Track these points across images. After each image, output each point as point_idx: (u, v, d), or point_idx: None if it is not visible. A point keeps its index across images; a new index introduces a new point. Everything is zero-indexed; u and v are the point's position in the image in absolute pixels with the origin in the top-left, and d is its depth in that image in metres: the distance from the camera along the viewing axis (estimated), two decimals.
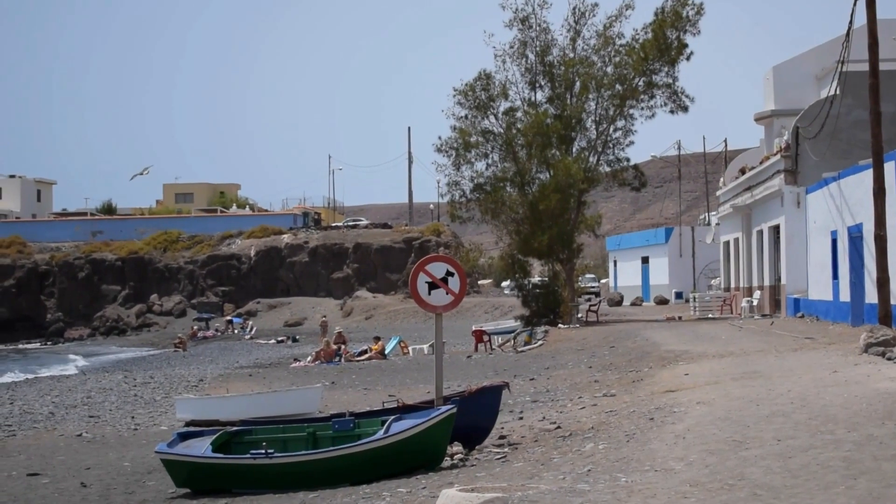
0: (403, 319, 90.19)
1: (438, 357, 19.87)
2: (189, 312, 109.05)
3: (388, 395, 29.92)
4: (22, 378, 54.95)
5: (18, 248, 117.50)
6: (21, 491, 19.39)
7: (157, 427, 28.62)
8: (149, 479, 19.76)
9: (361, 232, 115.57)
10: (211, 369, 51.41)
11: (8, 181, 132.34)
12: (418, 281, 19.46)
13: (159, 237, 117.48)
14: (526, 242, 56.81)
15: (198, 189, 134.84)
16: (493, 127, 57.41)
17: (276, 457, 17.43)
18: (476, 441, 19.29)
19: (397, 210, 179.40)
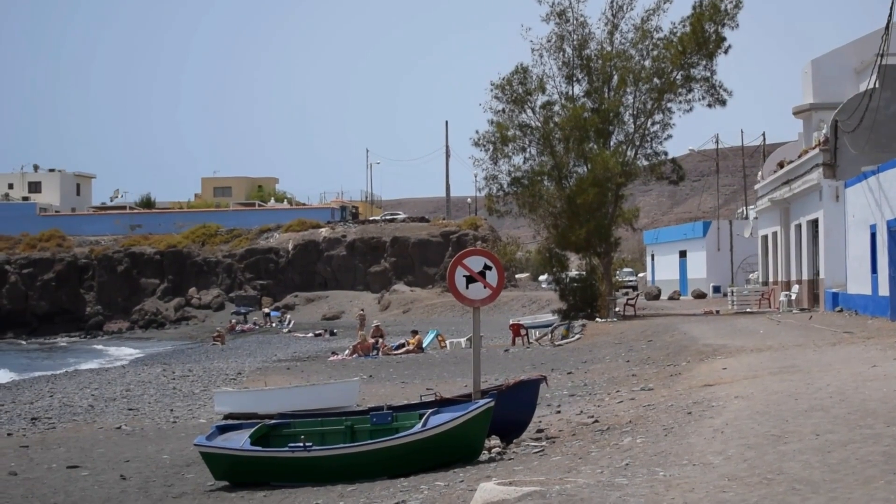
0: (441, 313, 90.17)
1: (476, 350, 19.88)
2: (227, 306, 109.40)
3: (425, 388, 29.97)
4: (62, 371, 55.30)
5: (58, 242, 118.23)
6: (61, 483, 19.51)
7: (195, 420, 28.73)
8: (188, 472, 19.84)
9: (399, 226, 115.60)
10: (249, 363, 51.59)
11: (48, 175, 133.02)
12: (456, 275, 19.45)
13: (198, 231, 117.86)
14: (563, 236, 56.73)
15: (236, 183, 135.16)
16: (531, 121, 57.34)
17: (315, 450, 17.47)
18: (514, 434, 19.28)
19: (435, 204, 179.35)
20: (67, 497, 17.98)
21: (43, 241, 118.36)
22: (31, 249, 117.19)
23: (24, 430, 27.80)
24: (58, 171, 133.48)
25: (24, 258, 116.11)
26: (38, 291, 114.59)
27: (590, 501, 11.31)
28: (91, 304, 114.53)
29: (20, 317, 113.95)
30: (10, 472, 20.79)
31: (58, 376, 50.23)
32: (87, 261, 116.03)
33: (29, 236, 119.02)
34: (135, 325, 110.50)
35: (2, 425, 28.98)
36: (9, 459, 22.59)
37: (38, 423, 29.44)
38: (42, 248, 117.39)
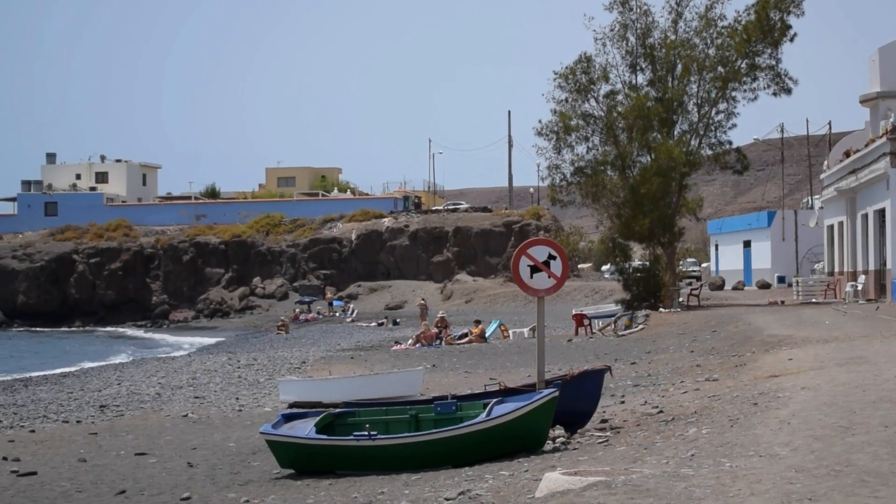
0: (503, 303, 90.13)
1: (540, 340, 19.88)
2: (291, 295, 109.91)
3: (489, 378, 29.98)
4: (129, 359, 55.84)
5: (125, 232, 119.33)
6: (129, 470, 19.71)
7: (260, 408, 28.91)
8: (253, 460, 19.99)
9: (461, 215, 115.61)
10: (313, 352, 51.83)
11: (114, 166, 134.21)
12: (520, 264, 19.45)
13: (262, 221, 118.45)
14: (627, 226, 56.53)
15: (300, 173, 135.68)
16: (594, 110, 57.18)
17: (379, 439, 17.55)
18: (578, 425, 19.27)
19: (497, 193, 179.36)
20: (136, 484, 18.17)
21: (110, 230, 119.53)
22: (99, 239, 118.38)
23: (92, 418, 28.10)
24: (124, 162, 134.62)
25: (91, 248, 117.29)
26: (105, 281, 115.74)
27: (655, 492, 11.30)
28: (157, 294, 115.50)
29: (88, 305, 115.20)
30: (79, 459, 21.04)
31: (125, 364, 50.73)
32: (153, 250, 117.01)
33: (96, 226, 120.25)
34: (200, 314, 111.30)
35: (71, 413, 29.31)
36: (78, 446, 22.87)
37: (106, 410, 29.74)
38: (109, 237, 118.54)
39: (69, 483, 18.57)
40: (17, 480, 19.04)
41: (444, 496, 14.03)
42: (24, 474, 19.51)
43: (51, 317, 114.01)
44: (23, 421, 27.66)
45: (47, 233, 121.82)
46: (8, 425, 26.82)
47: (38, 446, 23.08)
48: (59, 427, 26.44)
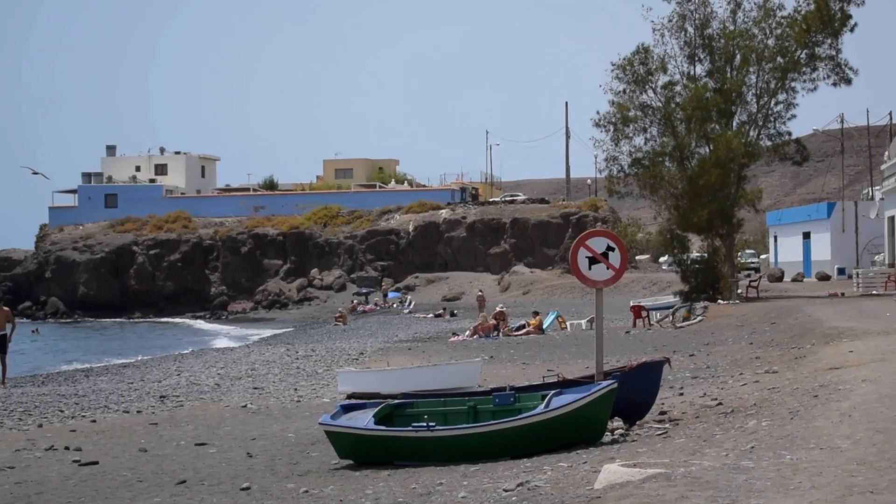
0: (561, 294, 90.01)
1: (599, 332, 19.83)
2: (348, 287, 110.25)
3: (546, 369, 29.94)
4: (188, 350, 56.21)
5: (184, 224, 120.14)
6: (190, 460, 19.85)
7: (319, 399, 29.01)
8: (312, 451, 20.06)
9: (519, 207, 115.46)
10: (371, 343, 51.94)
11: (174, 158, 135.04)
12: (578, 256, 19.41)
13: (319, 212, 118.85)
14: (685, 217, 56.30)
15: (357, 164, 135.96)
16: (652, 101, 56.95)
17: (438, 430, 17.56)
18: (637, 416, 19.22)
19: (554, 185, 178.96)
20: (196, 474, 18.29)
21: (169, 222, 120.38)
22: (158, 231, 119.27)
23: (152, 408, 28.31)
24: (183, 154, 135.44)
25: (150, 239, 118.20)
26: (164, 272, 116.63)
27: (715, 484, 11.28)
28: (216, 285, 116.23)
29: (147, 297, 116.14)
30: (140, 449, 21.22)
31: (184, 355, 51.07)
32: (212, 242, 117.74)
33: (155, 218, 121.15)
34: (258, 305, 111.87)
35: (131, 403, 29.54)
36: (139, 436, 23.06)
37: (166, 400, 29.95)
38: (168, 229, 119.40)
39: (130, 473, 18.73)
40: (79, 470, 19.23)
41: (503, 487, 14.04)
42: (86, 464, 19.70)
43: (111, 308, 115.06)
44: (84, 411, 27.90)
45: (107, 224, 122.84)
46: (70, 415, 27.07)
47: (99, 436, 23.29)
48: (120, 417, 26.67)
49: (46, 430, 24.38)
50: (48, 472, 19.21)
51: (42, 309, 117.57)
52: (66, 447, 21.63)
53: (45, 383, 38.05)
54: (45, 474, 18.97)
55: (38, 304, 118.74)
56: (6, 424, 25.47)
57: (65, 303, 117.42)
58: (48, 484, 18.03)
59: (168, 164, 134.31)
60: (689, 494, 10.88)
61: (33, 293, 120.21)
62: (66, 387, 35.68)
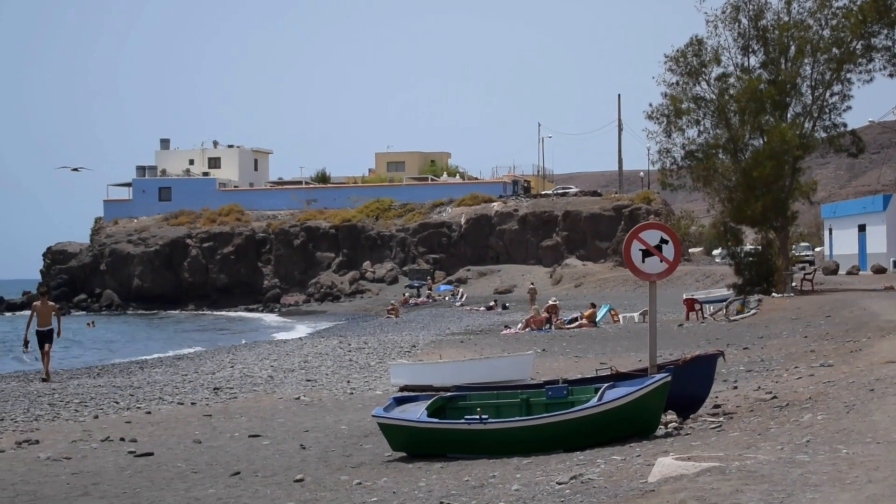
0: (613, 287, 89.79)
1: (652, 325, 19.76)
2: (401, 279, 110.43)
3: (599, 362, 29.89)
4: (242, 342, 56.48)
5: (237, 216, 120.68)
6: (244, 451, 19.94)
7: (371, 392, 29.07)
8: (365, 443, 20.10)
9: (571, 200, 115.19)
10: (423, 335, 52.01)
11: (227, 151, 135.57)
12: (632, 248, 19.34)
13: (372, 205, 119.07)
14: (739, 210, 56.04)
15: (409, 157, 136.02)
16: (705, 93, 56.70)
17: (491, 422, 17.55)
18: (690, 410, 19.14)
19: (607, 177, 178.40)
20: (250, 465, 18.37)
21: (222, 215, 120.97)
22: (211, 224, 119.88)
23: (206, 400, 28.44)
24: (236, 147, 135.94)
25: (204, 232, 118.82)
26: (217, 265, 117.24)
27: (770, 478, 11.21)
28: (268, 278, 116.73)
29: (201, 289, 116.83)
30: (194, 440, 21.34)
31: (238, 347, 51.31)
32: (265, 235, 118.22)
33: (209, 211, 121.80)
34: (311, 297, 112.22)
35: (186, 395, 29.70)
36: (193, 428, 23.19)
37: (220, 392, 30.09)
38: (221, 222, 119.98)
39: (185, 464, 18.83)
40: (135, 461, 19.36)
41: (556, 480, 14.02)
42: (141, 455, 19.83)
43: (165, 300, 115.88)
44: (139, 402, 28.08)
45: (161, 217, 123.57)
46: (125, 406, 27.25)
47: (154, 427, 23.44)
48: (175, 409, 26.81)
49: (102, 422, 24.55)
50: (104, 462, 19.35)
51: (97, 301, 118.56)
52: (122, 438, 21.78)
53: (100, 375, 38.32)
54: (101, 465, 19.10)
55: (93, 296, 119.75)
56: (62, 416, 25.67)
57: (119, 295, 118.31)
58: (104, 474, 18.16)
59: (221, 157, 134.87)
60: (744, 488, 10.83)
61: (88, 286, 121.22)
62: (121, 378, 35.93)
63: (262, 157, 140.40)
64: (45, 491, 16.94)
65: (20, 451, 20.83)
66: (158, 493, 16.26)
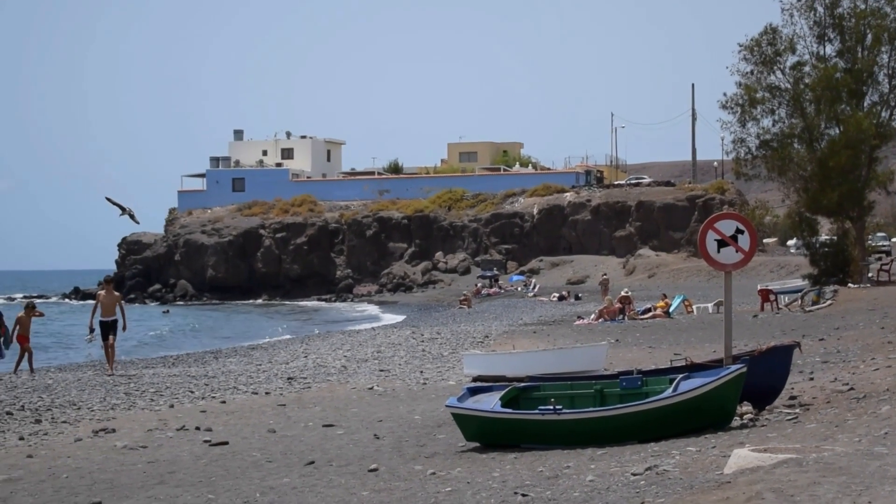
0: (686, 278, 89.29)
1: (728, 316, 19.61)
2: (473, 270, 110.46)
3: (673, 353, 29.73)
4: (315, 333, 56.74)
5: (310, 207, 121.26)
6: (318, 441, 20.01)
7: (444, 382, 29.08)
8: (439, 433, 20.11)
9: (644, 190, 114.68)
10: (495, 326, 52.00)
11: (300, 142, 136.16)
12: (707, 238, 19.20)
13: (444, 196, 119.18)
14: (814, 200, 55.53)
15: (481, 148, 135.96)
16: (780, 82, 56.20)
17: (565, 413, 17.50)
18: (766, 401, 18.97)
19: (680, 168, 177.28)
20: (324, 455, 18.43)
21: (295, 206, 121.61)
22: (284, 214, 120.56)
23: (280, 390, 28.58)
24: (309, 138, 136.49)
25: (277, 223, 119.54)
26: (290, 255, 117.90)
27: (848, 470, 11.09)
28: (341, 268, 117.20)
29: (274, 279, 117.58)
30: (269, 430, 21.44)
31: (311, 337, 51.54)
32: (338, 225, 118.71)
33: (282, 201, 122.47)
34: (383, 288, 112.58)
35: (260, 384, 29.86)
36: (268, 417, 23.31)
37: (293, 382, 30.22)
38: (294, 212, 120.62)
39: (259, 453, 18.94)
40: (210, 450, 19.49)
41: (631, 471, 13.97)
42: (217, 444, 19.96)
43: (238, 290, 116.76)
44: (214, 392, 28.27)
45: (235, 208, 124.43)
46: (200, 396, 27.44)
47: (228, 417, 23.58)
48: (249, 398, 26.97)
49: (177, 411, 24.74)
50: (179, 451, 19.50)
51: (171, 292, 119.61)
52: (197, 427, 21.93)
53: (175, 364, 38.65)
54: (176, 454, 19.26)
55: (167, 286, 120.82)
56: (138, 405, 25.90)
57: (193, 285, 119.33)
58: (180, 463, 18.31)
59: (294, 148, 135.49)
60: (822, 480, 10.72)
61: (163, 276, 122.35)
62: (195, 368, 36.20)
63: (335, 147, 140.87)
64: (121, 479, 17.10)
65: (97, 439, 21.04)
66: (233, 481, 16.36)
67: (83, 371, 34.75)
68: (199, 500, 15.14)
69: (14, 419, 23.58)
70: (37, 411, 24.65)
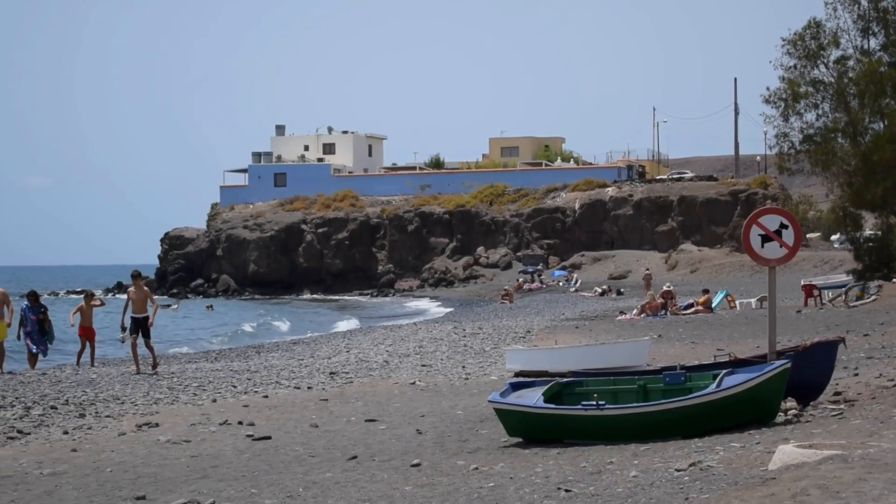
0: (729, 273, 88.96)
1: (772, 311, 19.51)
2: (514, 265, 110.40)
3: (716, 349, 29.60)
4: (357, 327, 56.85)
5: (351, 202, 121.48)
6: (360, 436, 20.02)
7: (487, 377, 29.05)
8: (481, 428, 20.08)
9: (686, 185, 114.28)
10: (537, 321, 51.95)
11: (341, 137, 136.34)
12: (751, 233, 19.11)
13: (485, 190, 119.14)
14: (858, 195, 55.21)
15: (523, 143, 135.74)
16: (824, 76, 55.92)
17: (608, 408, 17.45)
18: (810, 397, 18.87)
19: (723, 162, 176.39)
20: (366, 449, 18.44)
21: (337, 201, 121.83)
22: (326, 209, 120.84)
23: (323, 384, 28.62)
24: (351, 133, 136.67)
25: (319, 218, 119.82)
26: (332, 250, 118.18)
27: (894, 467, 11.01)
28: (383, 263, 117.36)
29: (315, 274, 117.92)
30: (311, 425, 21.47)
31: (353, 332, 51.63)
32: (379, 220, 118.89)
33: (324, 196, 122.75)
34: (425, 283, 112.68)
35: (302, 379, 29.91)
36: (310, 412, 23.34)
37: (335, 377, 30.26)
38: (336, 207, 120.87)
39: (302, 448, 18.96)
40: (253, 444, 19.54)
41: (675, 467, 13.91)
42: (259, 438, 20.00)
43: (280, 285, 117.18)
44: (256, 387, 28.34)
45: (277, 203, 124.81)
46: (242, 391, 27.51)
47: (271, 411, 23.62)
48: (291, 393, 27.01)
49: (220, 405, 24.82)
50: (222, 445, 19.55)
51: (213, 286, 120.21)
52: (240, 422, 21.98)
53: (217, 359, 38.78)
54: (219, 448, 19.31)
55: (209, 281, 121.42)
56: (181, 399, 25.99)
57: (235, 280, 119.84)
58: (223, 457, 18.36)
59: (336, 143, 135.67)
60: (868, 477, 10.65)
61: (205, 271, 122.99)
62: (238, 362, 36.30)
63: (377, 142, 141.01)
64: (165, 473, 17.17)
65: (140, 433, 21.14)
66: (276, 476, 16.39)
67: (126, 365, 34.88)
68: (242, 494, 15.18)
69: (59, 413, 23.73)
70: (81, 405, 24.80)
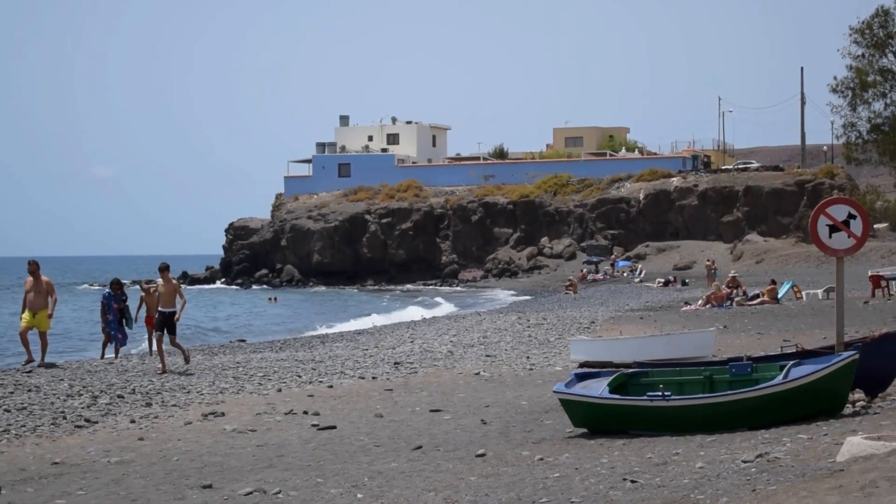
0: (795, 264, 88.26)
1: (839, 302, 19.35)
2: (578, 255, 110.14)
3: (782, 340, 29.39)
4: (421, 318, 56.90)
5: (415, 192, 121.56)
6: (425, 426, 20.06)
7: (551, 368, 29.01)
8: (546, 418, 20.06)
9: (752, 175, 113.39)
10: (602, 311, 51.79)
11: (405, 127, 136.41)
12: (819, 223, 18.96)
13: (549, 181, 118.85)
14: None
15: (587, 133, 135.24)
16: (892, 65, 55.47)
17: (674, 399, 17.37)
18: (879, 388, 18.71)
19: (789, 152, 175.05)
20: (431, 439, 18.48)
21: (401, 191, 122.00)
22: (390, 200, 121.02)
23: (387, 374, 28.69)
24: (415, 124, 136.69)
25: (383, 208, 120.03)
26: (395, 240, 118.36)
27: None
28: (446, 253, 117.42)
29: (379, 265, 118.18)
30: (376, 415, 21.54)
31: (417, 323, 51.69)
32: (443, 211, 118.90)
33: (387, 187, 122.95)
34: (488, 273, 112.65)
35: (367, 369, 29.99)
36: (375, 402, 23.42)
37: (400, 367, 30.32)
38: (400, 198, 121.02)
39: (367, 438, 19.02)
40: (318, 434, 19.62)
41: (742, 459, 13.83)
42: (324, 428, 20.08)
43: (344, 275, 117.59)
44: (321, 377, 28.44)
45: (341, 193, 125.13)
46: (307, 380, 27.62)
47: (336, 401, 23.72)
48: (356, 383, 27.10)
49: (285, 395, 24.94)
50: (288, 435, 19.65)
51: (277, 277, 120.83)
52: (305, 412, 22.08)
53: (282, 349, 38.93)
54: (285, 437, 19.41)
55: (273, 271, 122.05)
56: (247, 389, 26.14)
57: (299, 270, 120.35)
58: (288, 447, 18.45)
59: (400, 133, 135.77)
60: None
61: (269, 261, 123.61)
62: (303, 353, 36.44)
63: (441, 133, 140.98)
64: (231, 462, 17.28)
65: (206, 422, 21.28)
66: (342, 465, 16.45)
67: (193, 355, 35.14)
68: (307, 483, 15.25)
69: (125, 402, 23.94)
70: (147, 395, 25.00)
